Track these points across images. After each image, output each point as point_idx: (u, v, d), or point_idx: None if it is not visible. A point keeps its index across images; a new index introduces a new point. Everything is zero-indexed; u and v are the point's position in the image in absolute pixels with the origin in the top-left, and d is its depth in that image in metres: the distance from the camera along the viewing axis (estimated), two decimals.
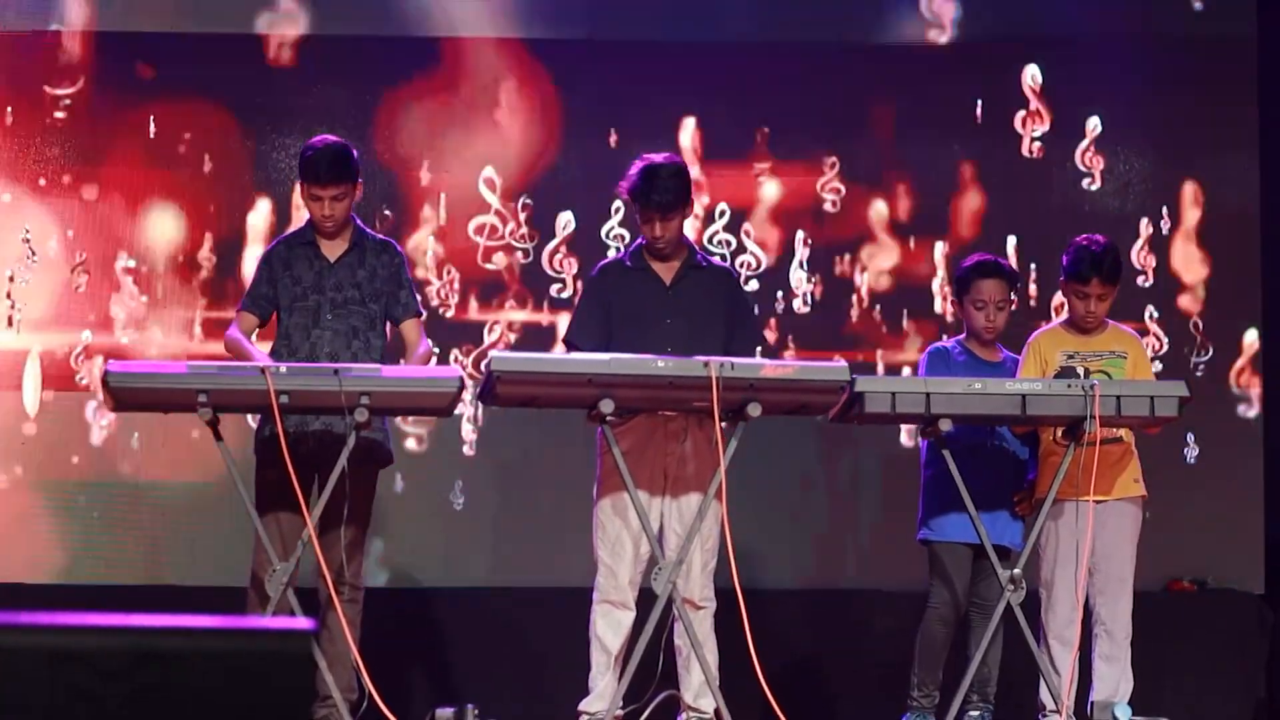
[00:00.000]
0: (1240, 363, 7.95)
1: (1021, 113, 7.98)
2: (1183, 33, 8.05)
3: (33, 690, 2.44)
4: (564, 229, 7.81)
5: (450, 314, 7.77)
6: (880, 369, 7.79)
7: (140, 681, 2.47)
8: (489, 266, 7.79)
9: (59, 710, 2.45)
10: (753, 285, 7.74)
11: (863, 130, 7.95)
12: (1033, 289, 7.83)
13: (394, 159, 7.79)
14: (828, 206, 7.90)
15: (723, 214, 7.85)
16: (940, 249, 7.87)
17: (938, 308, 7.86)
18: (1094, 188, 7.98)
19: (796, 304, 7.86)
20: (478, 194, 7.80)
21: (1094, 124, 7.99)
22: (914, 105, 7.94)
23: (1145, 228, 7.97)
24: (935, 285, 7.87)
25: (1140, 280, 7.89)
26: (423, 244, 7.76)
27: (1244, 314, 7.98)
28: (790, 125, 7.90)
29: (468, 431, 7.71)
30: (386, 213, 7.69)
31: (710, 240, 7.78)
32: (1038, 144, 7.98)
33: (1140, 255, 7.92)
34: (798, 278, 7.86)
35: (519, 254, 7.80)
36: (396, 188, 7.79)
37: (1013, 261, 7.49)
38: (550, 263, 7.81)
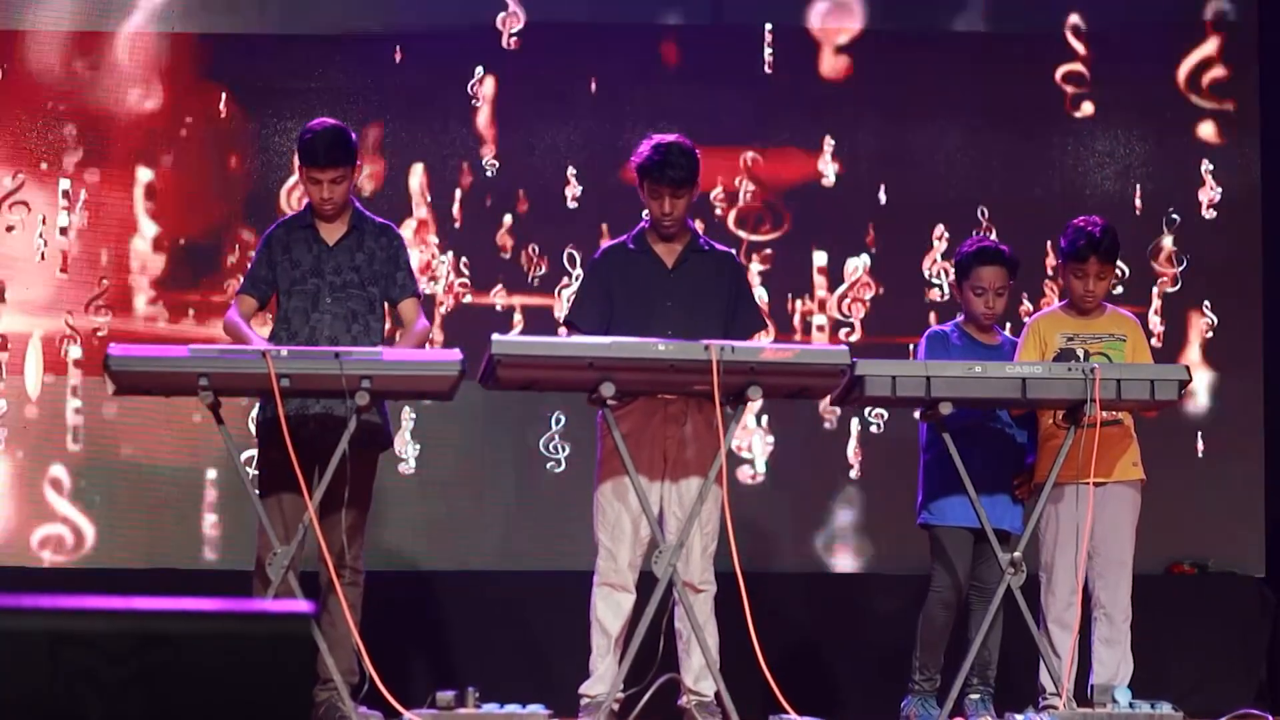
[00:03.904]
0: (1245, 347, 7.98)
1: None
2: (1183, 15, 8.07)
3: (35, 673, 2.45)
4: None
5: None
6: None
7: (142, 664, 2.47)
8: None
9: (61, 693, 2.45)
10: None
11: None
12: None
13: None
14: None
15: None
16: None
17: None
18: (1094, 171, 8.00)
19: None
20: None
21: (1089, 108, 8.01)
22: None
23: (1144, 212, 7.98)
24: None
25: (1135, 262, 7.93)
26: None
27: (1246, 299, 7.99)
28: None
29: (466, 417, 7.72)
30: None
31: None
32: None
33: (1137, 237, 7.94)
34: None
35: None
36: None
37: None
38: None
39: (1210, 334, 7.94)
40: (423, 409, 7.69)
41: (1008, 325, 6.77)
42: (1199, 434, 7.89)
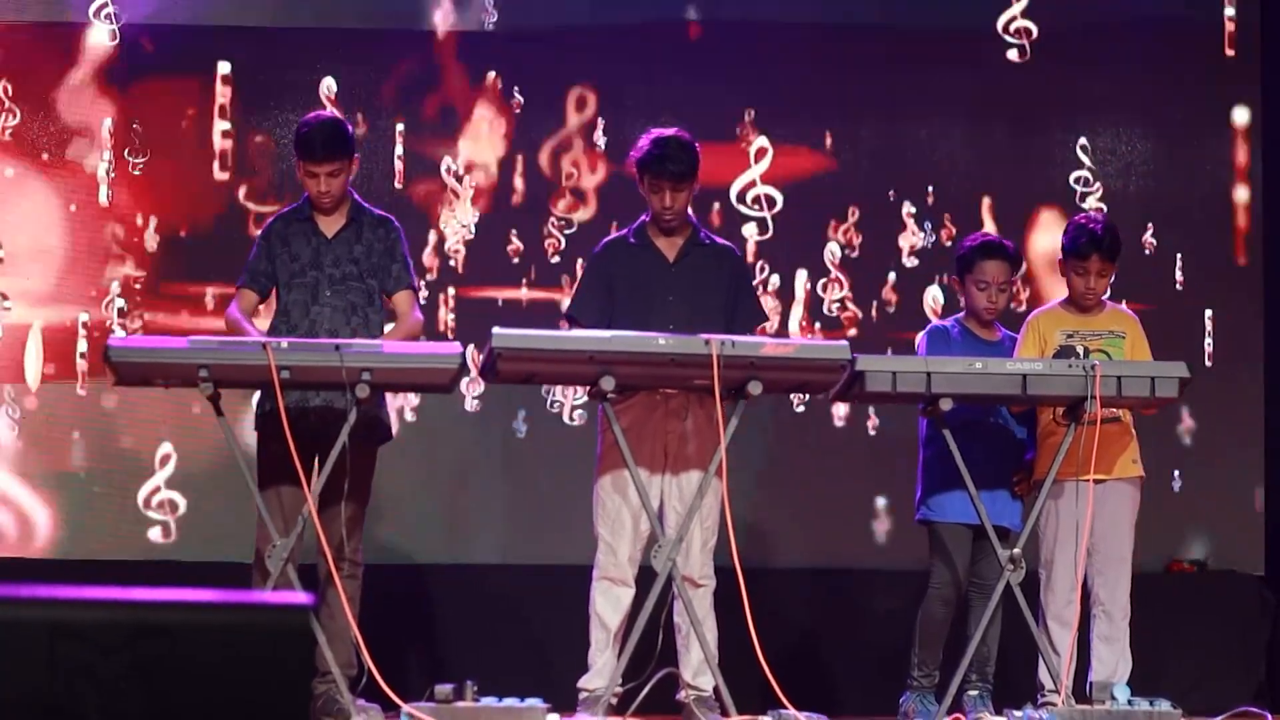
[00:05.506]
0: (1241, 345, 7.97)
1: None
2: (1182, 17, 8.07)
3: (32, 664, 2.45)
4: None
5: None
6: None
7: (140, 655, 2.47)
8: None
9: (58, 683, 2.45)
10: None
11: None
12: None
13: None
14: None
15: None
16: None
17: None
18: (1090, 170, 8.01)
19: None
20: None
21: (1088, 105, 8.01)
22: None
23: (1144, 211, 7.99)
24: None
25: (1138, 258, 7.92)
26: None
27: (1245, 301, 7.98)
28: None
29: (469, 406, 7.72)
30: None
31: None
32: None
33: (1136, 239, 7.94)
34: None
35: None
36: None
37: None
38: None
39: (1211, 333, 7.94)
40: (422, 401, 7.70)
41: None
42: (1198, 434, 7.89)
